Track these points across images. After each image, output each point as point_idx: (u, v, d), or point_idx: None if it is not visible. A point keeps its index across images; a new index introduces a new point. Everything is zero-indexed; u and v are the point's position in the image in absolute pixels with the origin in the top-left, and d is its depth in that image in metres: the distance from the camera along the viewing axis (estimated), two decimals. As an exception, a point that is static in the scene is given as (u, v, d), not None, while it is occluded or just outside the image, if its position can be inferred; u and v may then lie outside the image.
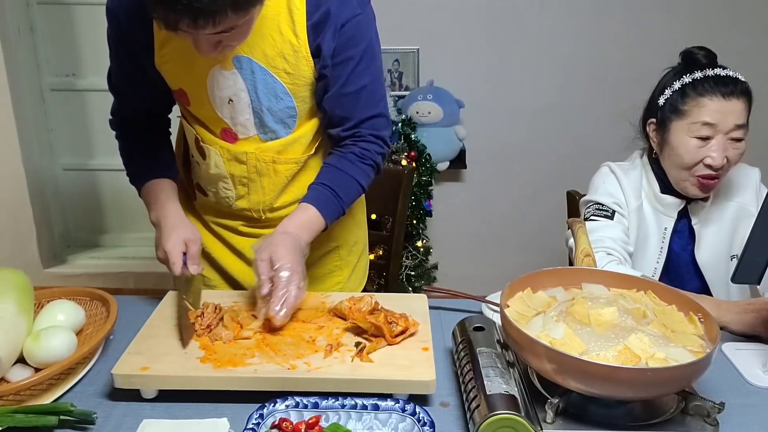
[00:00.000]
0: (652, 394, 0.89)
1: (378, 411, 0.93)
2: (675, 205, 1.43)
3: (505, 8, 2.69)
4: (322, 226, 1.21)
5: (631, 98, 1.50)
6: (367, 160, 1.25)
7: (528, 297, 1.04)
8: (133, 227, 3.10)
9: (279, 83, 1.17)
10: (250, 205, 1.32)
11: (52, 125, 2.91)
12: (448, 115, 2.68)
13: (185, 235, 1.21)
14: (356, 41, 1.15)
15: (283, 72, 1.16)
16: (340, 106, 1.21)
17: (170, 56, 1.16)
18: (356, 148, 1.24)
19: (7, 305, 1.04)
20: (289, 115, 1.22)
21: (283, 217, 1.30)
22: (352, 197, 1.27)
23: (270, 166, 1.26)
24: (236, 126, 1.23)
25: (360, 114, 1.22)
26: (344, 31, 1.13)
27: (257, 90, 1.18)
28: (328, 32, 1.13)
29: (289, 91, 1.18)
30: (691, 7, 2.66)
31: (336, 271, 1.44)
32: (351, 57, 1.16)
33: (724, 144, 1.32)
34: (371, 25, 1.18)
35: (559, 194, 1.85)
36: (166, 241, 1.19)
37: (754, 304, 1.22)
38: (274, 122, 1.22)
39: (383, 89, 1.25)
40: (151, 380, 0.98)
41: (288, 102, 1.19)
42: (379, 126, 1.25)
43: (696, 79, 1.34)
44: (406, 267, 2.71)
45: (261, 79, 1.16)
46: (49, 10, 2.74)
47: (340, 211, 1.24)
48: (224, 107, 1.21)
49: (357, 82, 1.18)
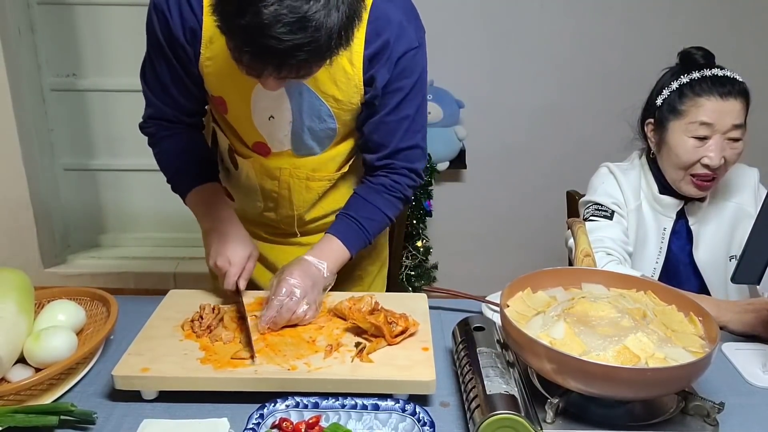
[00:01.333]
0: (652, 394, 0.89)
1: (378, 411, 0.94)
2: (673, 205, 1.43)
3: (504, 8, 2.69)
4: (346, 256, 1.21)
5: (630, 98, 1.50)
6: (396, 193, 1.25)
7: (528, 297, 1.04)
8: (133, 227, 3.10)
9: (325, 107, 1.15)
10: (278, 217, 1.32)
11: (53, 125, 2.91)
12: (448, 115, 2.68)
13: (250, 249, 1.20)
14: (409, 72, 1.14)
15: (331, 98, 1.14)
16: (378, 132, 1.20)
17: (215, 63, 1.13)
18: (387, 180, 1.24)
19: (7, 305, 1.04)
20: (327, 135, 1.21)
21: (310, 230, 1.30)
22: (379, 229, 1.27)
23: (303, 182, 1.25)
24: (272, 141, 1.22)
25: (398, 143, 1.21)
26: (400, 63, 1.12)
27: (302, 111, 1.16)
28: (385, 64, 1.11)
29: (334, 114, 1.16)
30: (690, 8, 2.66)
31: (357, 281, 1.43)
32: (402, 87, 1.15)
33: (721, 144, 1.32)
34: (425, 57, 1.17)
35: (559, 194, 1.85)
36: (233, 254, 1.17)
37: (754, 304, 1.22)
38: (311, 140, 1.21)
39: (425, 121, 1.24)
40: (151, 381, 0.98)
41: (331, 124, 1.18)
42: (413, 158, 1.24)
43: (693, 79, 1.34)
44: (406, 267, 2.71)
45: (307, 101, 1.14)
46: (50, 11, 2.74)
47: (365, 242, 1.24)
48: (264, 123, 1.19)
49: (401, 112, 1.17)
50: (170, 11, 1.09)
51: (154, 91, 1.21)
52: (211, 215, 1.22)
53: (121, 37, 2.73)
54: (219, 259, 1.17)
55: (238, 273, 1.17)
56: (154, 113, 1.24)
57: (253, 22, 0.82)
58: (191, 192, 1.24)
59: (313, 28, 0.83)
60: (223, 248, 1.18)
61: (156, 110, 1.24)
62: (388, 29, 1.09)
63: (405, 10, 1.13)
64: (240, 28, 0.84)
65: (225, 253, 1.17)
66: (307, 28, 0.83)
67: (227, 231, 1.20)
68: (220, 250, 1.18)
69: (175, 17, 1.10)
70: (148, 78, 1.21)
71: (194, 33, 1.10)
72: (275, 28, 0.82)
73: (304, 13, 0.82)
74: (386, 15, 1.09)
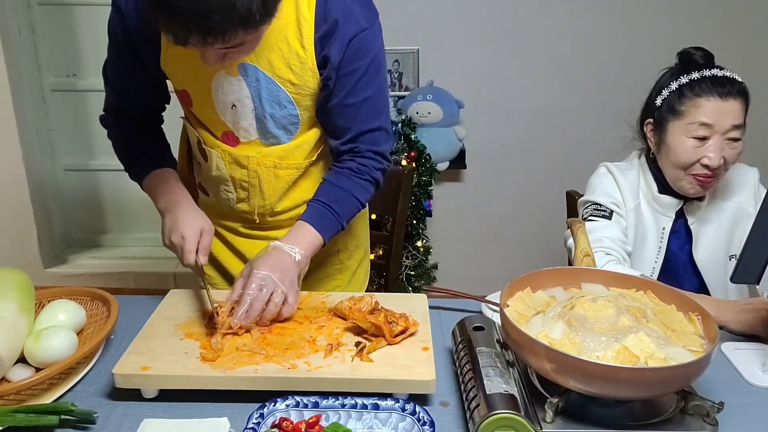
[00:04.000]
0: (652, 393, 0.89)
1: (378, 410, 0.94)
2: (673, 205, 1.43)
3: (504, 8, 2.69)
4: (320, 242, 1.23)
5: (629, 98, 1.50)
6: (364, 175, 1.26)
7: (527, 297, 1.04)
8: (134, 227, 3.10)
9: (283, 92, 1.17)
10: (251, 208, 1.32)
11: (53, 125, 2.91)
12: (447, 116, 2.68)
13: (202, 224, 1.21)
14: (362, 54, 1.15)
15: (288, 82, 1.16)
16: (341, 116, 1.21)
17: (176, 57, 1.16)
18: (353, 164, 1.25)
19: (8, 305, 1.04)
20: (291, 122, 1.22)
21: (283, 221, 1.30)
22: (350, 213, 1.28)
23: (271, 171, 1.26)
24: (238, 130, 1.23)
25: (360, 126, 1.22)
26: (351, 45, 1.13)
27: (261, 97, 1.18)
28: (335, 45, 1.13)
29: (293, 99, 1.18)
30: (690, 8, 2.66)
31: (336, 274, 1.45)
32: (356, 69, 1.16)
33: (721, 144, 1.32)
34: (377, 39, 1.18)
35: (559, 194, 1.86)
36: (184, 228, 1.18)
37: (754, 303, 1.22)
38: (276, 128, 1.22)
39: (386, 102, 1.25)
40: (151, 380, 0.99)
41: (291, 110, 1.20)
42: (378, 140, 1.25)
43: (693, 79, 1.34)
44: (406, 267, 2.71)
45: (265, 87, 1.17)
46: (50, 11, 2.75)
47: (338, 227, 1.25)
48: (227, 112, 1.21)
49: (359, 94, 1.19)
50: (128, 10, 1.13)
51: (114, 84, 1.27)
52: (165, 197, 1.24)
53: (121, 38, 2.73)
54: (173, 236, 1.19)
55: (194, 248, 1.17)
56: (111, 106, 1.31)
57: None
58: (146, 177, 1.27)
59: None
60: (175, 225, 1.19)
61: (113, 103, 1.30)
62: (334, 10, 1.12)
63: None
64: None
65: (177, 229, 1.19)
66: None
67: (178, 210, 1.21)
68: (172, 228, 1.20)
69: (133, 16, 1.13)
70: (108, 73, 1.26)
71: (152, 30, 1.12)
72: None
73: None
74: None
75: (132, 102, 1.29)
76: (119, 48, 1.19)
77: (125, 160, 1.33)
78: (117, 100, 1.29)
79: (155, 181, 1.27)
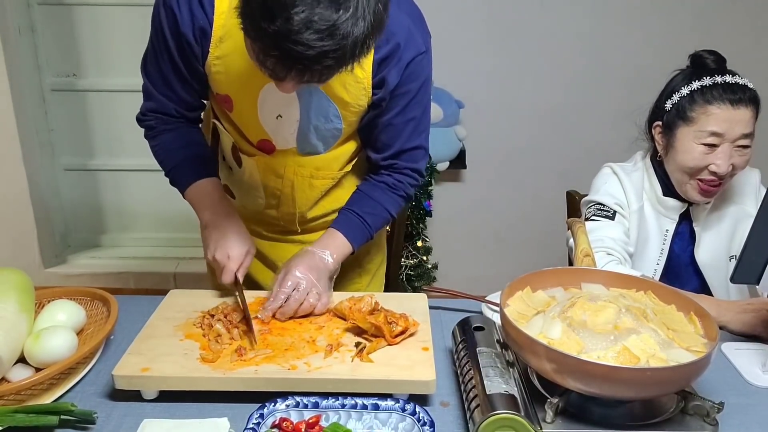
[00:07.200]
0: (652, 393, 0.89)
1: (378, 411, 0.94)
2: (677, 207, 1.42)
3: (505, 8, 2.69)
4: (349, 250, 1.25)
5: (630, 99, 1.50)
6: (399, 191, 1.29)
7: (528, 296, 1.04)
8: (133, 227, 3.10)
9: (333, 107, 1.17)
10: (279, 214, 1.33)
11: (53, 125, 2.91)
12: (448, 116, 2.68)
13: (249, 245, 1.21)
14: (416, 76, 1.16)
15: (339, 99, 1.16)
16: (386, 133, 1.23)
17: (224, 62, 1.14)
18: (390, 179, 1.27)
19: (8, 305, 1.04)
20: (333, 135, 1.22)
21: (308, 227, 1.32)
22: (381, 225, 1.30)
23: (307, 180, 1.27)
24: (277, 139, 1.23)
25: (402, 144, 1.24)
26: (409, 67, 1.14)
27: (310, 110, 1.17)
28: (394, 68, 1.13)
29: (341, 115, 1.18)
30: (693, 9, 2.66)
31: (356, 278, 1.45)
32: (409, 91, 1.17)
33: (730, 152, 1.32)
34: (431, 61, 1.19)
35: (559, 194, 1.85)
36: (231, 247, 1.18)
37: (754, 303, 1.22)
38: (316, 139, 1.23)
39: (428, 122, 1.27)
40: (151, 381, 0.98)
41: (337, 124, 1.20)
42: (417, 158, 1.28)
43: (705, 85, 1.33)
44: (406, 267, 2.71)
45: (316, 101, 1.16)
46: (50, 11, 2.74)
47: (368, 237, 1.27)
48: (271, 121, 1.20)
49: (408, 114, 1.20)
50: (180, 8, 1.11)
51: (156, 85, 1.22)
52: (211, 210, 1.23)
53: (121, 37, 2.73)
54: (218, 253, 1.19)
55: (236, 267, 1.18)
56: (155, 107, 1.25)
57: (284, 28, 0.83)
58: (191, 186, 1.25)
59: (340, 36, 0.84)
60: (223, 243, 1.19)
61: (157, 104, 1.24)
62: (397, 34, 1.11)
63: (412, 15, 1.15)
64: (269, 33, 0.84)
65: (224, 247, 1.19)
66: (335, 36, 0.84)
67: (226, 226, 1.21)
68: (219, 245, 1.19)
69: (185, 15, 1.11)
70: (150, 72, 1.21)
71: (204, 32, 1.11)
72: (305, 35, 0.83)
73: (334, 22, 0.83)
74: (395, 20, 1.09)
75: (173, 105, 1.24)
76: (165, 46, 1.15)
77: (166, 164, 1.27)
78: (156, 104, 1.24)
79: (200, 191, 1.24)
